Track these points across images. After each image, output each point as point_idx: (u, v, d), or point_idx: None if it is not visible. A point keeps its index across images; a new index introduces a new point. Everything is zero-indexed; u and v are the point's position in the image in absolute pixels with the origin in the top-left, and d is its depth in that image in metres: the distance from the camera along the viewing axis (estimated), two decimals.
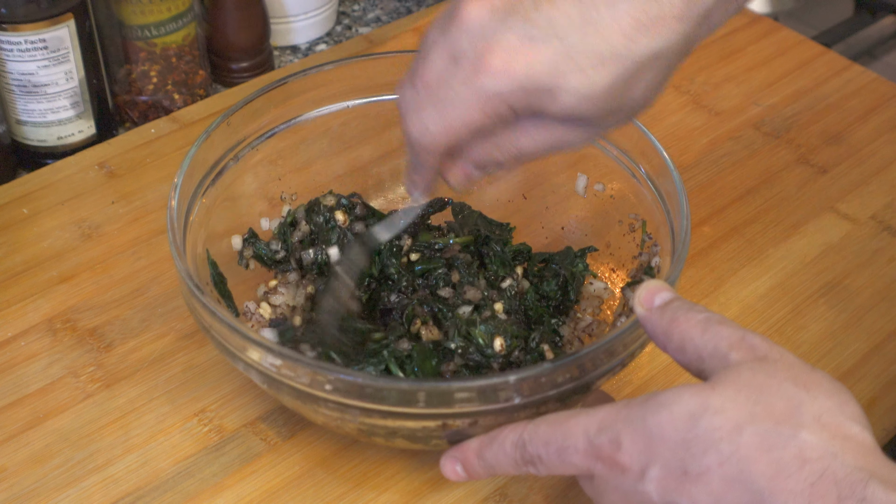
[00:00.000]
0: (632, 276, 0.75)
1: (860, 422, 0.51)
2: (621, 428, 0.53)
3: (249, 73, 1.02)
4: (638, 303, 0.58)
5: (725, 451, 0.50)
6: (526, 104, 0.55)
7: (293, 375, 0.61)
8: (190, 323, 0.78)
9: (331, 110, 0.80)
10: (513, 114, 0.56)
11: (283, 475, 0.70)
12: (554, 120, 0.57)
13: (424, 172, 0.61)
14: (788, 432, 0.50)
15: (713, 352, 0.54)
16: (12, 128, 0.92)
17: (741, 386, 0.51)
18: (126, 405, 0.73)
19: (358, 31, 1.12)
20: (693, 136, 0.97)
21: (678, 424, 0.51)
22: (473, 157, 0.60)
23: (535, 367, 0.60)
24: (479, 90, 0.54)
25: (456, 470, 0.62)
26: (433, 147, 0.58)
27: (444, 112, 0.56)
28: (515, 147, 0.58)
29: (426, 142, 0.58)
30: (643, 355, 0.74)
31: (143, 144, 0.94)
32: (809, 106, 1.00)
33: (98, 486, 0.69)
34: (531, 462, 0.58)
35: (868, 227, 0.88)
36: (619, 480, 0.54)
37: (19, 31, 0.85)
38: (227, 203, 0.76)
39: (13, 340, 0.77)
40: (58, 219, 0.87)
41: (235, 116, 0.75)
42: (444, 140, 0.57)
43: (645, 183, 0.75)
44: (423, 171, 0.61)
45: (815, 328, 0.80)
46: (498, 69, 0.54)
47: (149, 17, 0.93)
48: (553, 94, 0.54)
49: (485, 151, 0.59)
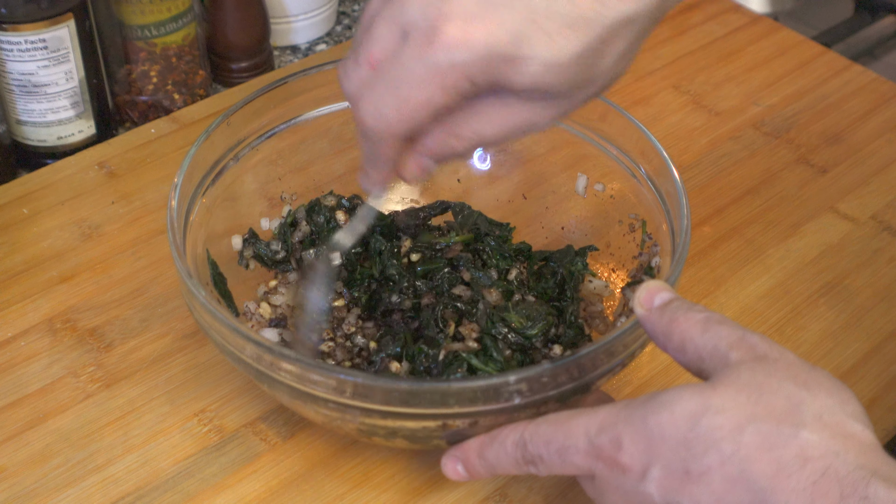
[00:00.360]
0: (632, 276, 0.75)
1: (861, 420, 0.51)
2: (622, 428, 0.53)
3: (249, 73, 1.02)
4: (638, 303, 0.58)
5: (726, 450, 0.50)
6: (487, 77, 0.50)
7: (293, 375, 0.61)
8: (190, 323, 0.78)
9: (331, 110, 0.80)
10: (474, 89, 0.50)
11: (283, 475, 0.70)
12: (517, 97, 0.52)
13: (381, 165, 0.55)
14: (789, 431, 0.50)
15: (713, 351, 0.54)
16: (12, 128, 0.92)
17: (741, 385, 0.51)
18: (126, 405, 0.73)
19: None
20: (693, 136, 0.97)
21: (679, 424, 0.51)
22: (430, 146, 0.55)
23: (535, 367, 0.60)
24: (436, 64, 0.49)
25: (457, 469, 0.62)
26: (390, 134, 0.52)
27: (399, 93, 0.50)
28: (475, 133, 0.54)
29: (381, 129, 0.52)
30: (643, 355, 0.74)
31: (143, 144, 0.94)
32: (809, 106, 1.00)
33: (98, 486, 0.69)
34: (532, 462, 0.58)
35: (868, 227, 0.88)
36: (621, 481, 0.54)
37: (19, 31, 0.85)
38: (227, 203, 0.76)
39: (13, 340, 0.77)
40: (58, 219, 0.87)
41: (235, 116, 0.75)
42: (402, 126, 0.52)
43: (645, 183, 0.75)
44: (380, 164, 0.55)
45: (815, 328, 0.80)
46: (455, 39, 0.48)
47: (149, 17, 0.93)
48: (517, 64, 0.50)
49: (442, 140, 0.54)
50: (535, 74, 0.50)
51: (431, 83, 0.50)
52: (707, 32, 1.09)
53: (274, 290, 0.76)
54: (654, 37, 0.76)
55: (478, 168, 0.84)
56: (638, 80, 1.02)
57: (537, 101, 0.52)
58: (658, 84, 1.02)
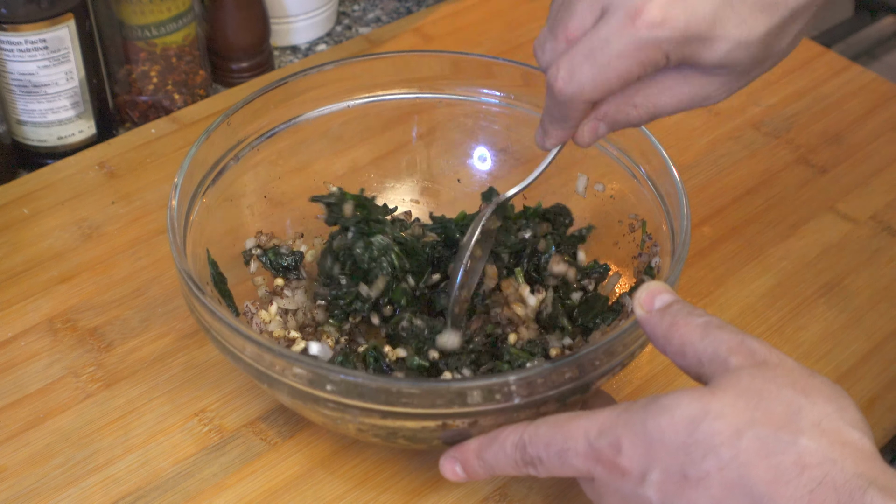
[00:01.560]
0: (636, 277, 0.75)
1: (860, 428, 0.51)
2: (622, 432, 0.53)
3: (249, 73, 1.02)
4: (638, 304, 0.58)
5: (725, 456, 0.50)
6: (681, 53, 0.55)
7: (293, 375, 0.61)
8: (190, 323, 0.78)
9: (331, 110, 0.80)
10: (666, 63, 0.55)
11: (283, 475, 0.70)
12: (699, 71, 0.56)
13: (566, 126, 0.60)
14: (788, 438, 0.50)
15: (713, 356, 0.54)
16: (12, 128, 0.92)
17: (741, 391, 0.51)
18: (126, 405, 0.73)
19: (358, 31, 1.12)
20: (693, 136, 0.97)
21: (678, 429, 0.51)
22: (608, 113, 0.59)
23: (535, 367, 0.60)
24: (638, 40, 0.54)
25: (455, 470, 0.62)
26: (584, 100, 0.57)
27: (598, 63, 0.55)
28: (653, 104, 0.58)
29: (575, 93, 0.57)
30: (643, 356, 0.74)
31: (143, 144, 0.94)
32: (809, 106, 1.00)
33: (98, 486, 0.69)
34: (531, 463, 0.58)
35: (868, 227, 0.88)
36: (620, 484, 0.54)
37: (19, 32, 0.85)
38: (227, 203, 0.76)
39: (13, 340, 0.77)
40: (58, 219, 0.87)
41: (235, 116, 0.75)
42: (596, 92, 0.56)
43: (645, 183, 0.75)
44: (565, 125, 0.60)
45: (814, 328, 0.80)
46: (657, 18, 0.53)
47: (149, 18, 0.93)
48: (711, 42, 0.54)
49: (620, 108, 0.59)
50: (725, 52, 0.55)
51: (631, 56, 0.54)
52: None
53: (279, 291, 0.76)
54: None
55: (478, 168, 0.84)
56: None
57: (717, 76, 0.57)
58: None
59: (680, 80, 0.57)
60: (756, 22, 0.54)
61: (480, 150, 0.84)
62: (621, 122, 0.60)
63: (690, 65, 0.56)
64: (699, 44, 0.54)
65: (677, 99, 0.58)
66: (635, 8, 0.53)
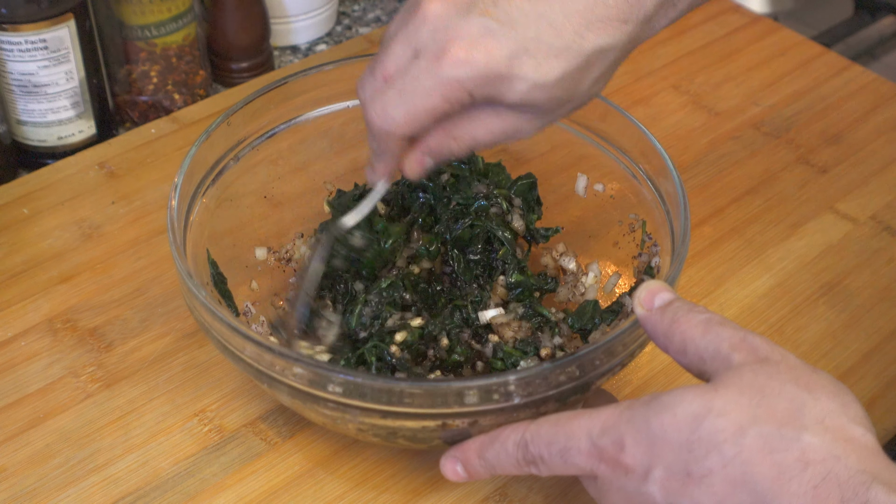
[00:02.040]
0: (636, 277, 0.75)
1: (863, 424, 0.51)
2: (624, 429, 0.54)
3: (249, 73, 1.02)
4: (638, 303, 0.59)
5: (728, 453, 0.50)
6: (484, 91, 0.58)
7: (293, 375, 0.61)
8: (190, 323, 0.78)
9: (331, 110, 0.80)
10: (471, 100, 0.58)
11: (283, 475, 0.70)
12: (508, 109, 0.60)
13: (387, 160, 0.63)
14: (791, 434, 0.50)
15: (715, 353, 0.54)
16: (13, 128, 0.92)
17: (743, 388, 0.51)
18: (126, 405, 0.73)
19: (358, 31, 1.13)
20: (693, 136, 0.97)
21: (681, 426, 0.51)
22: (430, 146, 0.62)
23: (535, 366, 0.60)
24: (442, 78, 0.57)
25: (456, 470, 0.62)
26: (396, 133, 0.60)
27: (408, 100, 0.58)
28: (470, 137, 0.61)
29: (389, 129, 0.60)
30: (643, 355, 0.74)
31: (143, 144, 0.94)
32: (809, 106, 1.00)
33: (98, 486, 0.69)
34: (533, 462, 0.58)
35: (868, 227, 0.88)
36: (623, 482, 0.54)
37: (20, 32, 0.85)
38: (228, 203, 0.76)
39: (13, 340, 0.77)
40: (58, 219, 0.87)
41: (235, 116, 0.75)
42: (407, 127, 0.60)
43: (645, 183, 0.75)
44: (386, 159, 0.63)
45: (815, 328, 0.80)
46: (460, 58, 0.57)
47: (149, 18, 0.93)
48: (510, 82, 0.58)
49: (441, 141, 0.62)
50: (525, 92, 0.58)
51: (436, 93, 0.58)
52: (707, 32, 1.09)
53: None
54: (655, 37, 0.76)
55: None
56: (638, 81, 1.02)
57: (525, 113, 0.60)
58: (658, 84, 1.02)
59: (493, 115, 0.60)
60: (550, 66, 0.57)
61: None
62: (445, 153, 0.62)
63: (497, 102, 0.59)
64: (500, 83, 0.58)
65: (491, 132, 0.61)
66: (441, 49, 0.57)
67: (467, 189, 0.77)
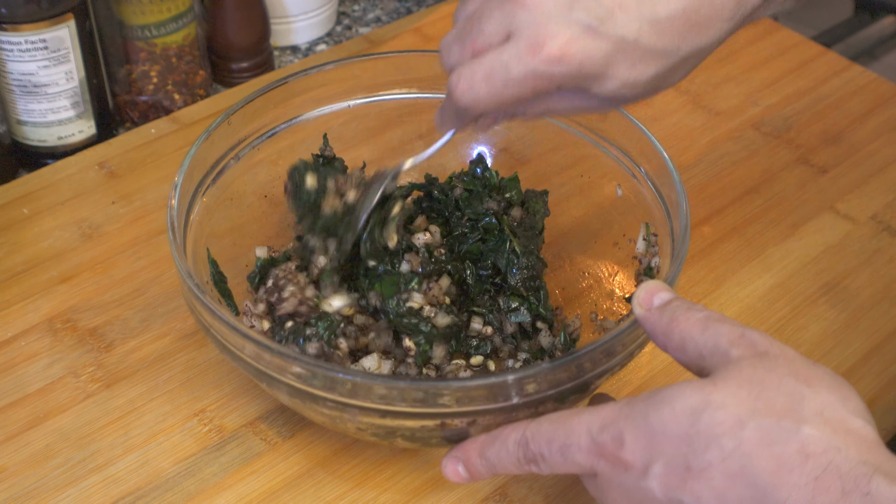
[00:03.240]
0: (636, 278, 0.75)
1: (862, 416, 0.51)
2: (624, 425, 0.54)
3: (249, 73, 1.02)
4: (637, 303, 0.59)
5: (727, 446, 0.50)
6: (573, 85, 0.58)
7: (292, 374, 0.61)
8: (190, 323, 0.78)
9: (331, 110, 0.80)
10: (557, 90, 0.58)
11: (283, 475, 0.70)
12: (591, 94, 0.59)
13: (459, 122, 0.64)
14: (791, 427, 0.50)
15: (714, 349, 0.54)
16: (13, 128, 0.92)
17: (742, 381, 0.52)
18: (126, 405, 0.73)
19: (358, 31, 1.13)
20: (693, 136, 0.97)
21: (680, 420, 0.52)
22: (505, 112, 0.62)
23: (534, 366, 0.60)
24: (534, 70, 0.56)
25: (457, 470, 0.62)
26: (477, 109, 0.60)
27: (495, 84, 0.57)
28: (546, 108, 0.61)
29: (471, 105, 0.59)
30: (643, 355, 0.74)
31: (143, 144, 0.94)
32: (809, 106, 1.00)
33: (98, 486, 0.69)
34: (534, 460, 0.58)
35: (868, 227, 0.88)
36: (623, 477, 0.54)
37: (20, 32, 0.85)
38: (228, 203, 0.76)
39: (13, 340, 0.77)
40: (58, 219, 0.87)
41: (236, 116, 0.75)
42: (490, 109, 0.60)
43: (645, 183, 0.75)
44: (459, 123, 0.64)
45: (815, 328, 0.80)
46: (556, 55, 0.56)
47: (149, 17, 0.93)
48: (601, 80, 0.57)
49: (517, 109, 0.61)
50: (614, 90, 0.58)
51: (525, 84, 0.57)
52: None
53: None
54: None
55: (479, 169, 0.84)
56: None
57: (607, 101, 0.60)
58: None
59: (573, 96, 0.60)
60: (647, 67, 0.57)
61: (480, 150, 0.84)
62: (518, 116, 0.63)
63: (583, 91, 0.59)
64: (591, 80, 0.57)
65: (569, 107, 0.61)
66: (537, 41, 0.56)
67: (478, 205, 0.77)
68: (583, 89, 0.58)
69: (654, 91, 0.60)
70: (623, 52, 0.56)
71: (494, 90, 0.58)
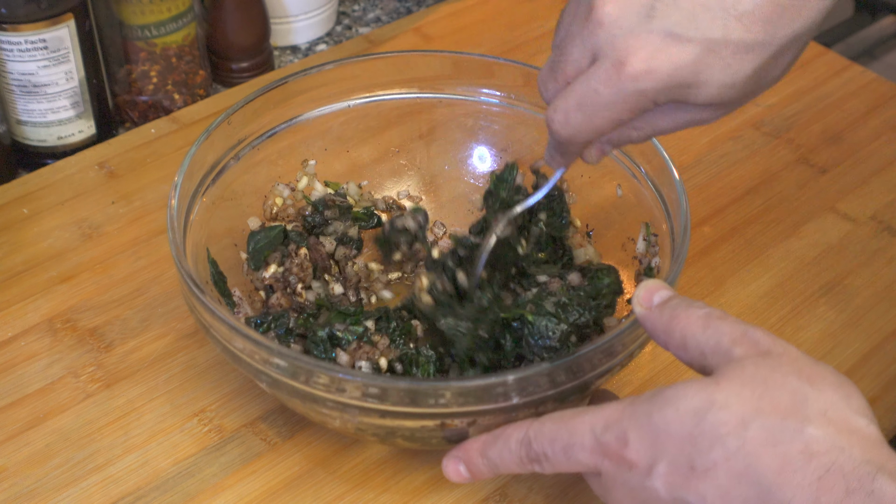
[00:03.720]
0: (636, 278, 0.75)
1: (866, 415, 0.51)
2: (628, 425, 0.54)
3: (249, 73, 1.02)
4: (637, 302, 0.59)
5: (732, 445, 0.50)
6: (668, 98, 0.56)
7: (292, 374, 0.61)
8: (190, 323, 0.78)
9: (331, 110, 0.80)
10: (654, 106, 0.56)
11: (283, 475, 0.70)
12: (694, 105, 0.57)
13: (568, 156, 0.63)
14: (794, 426, 0.50)
15: (716, 347, 0.54)
16: (12, 128, 0.92)
17: (746, 380, 0.51)
18: (126, 405, 0.73)
19: (358, 31, 1.13)
20: (693, 136, 0.97)
21: (684, 420, 0.52)
22: (612, 138, 0.61)
23: (534, 366, 0.60)
24: (623, 90, 0.55)
25: (459, 470, 0.62)
26: (578, 141, 0.59)
27: (588, 111, 0.56)
28: (652, 128, 0.59)
29: (570, 137, 0.59)
30: (644, 355, 0.74)
31: (143, 144, 0.94)
32: (809, 106, 1.00)
33: (98, 486, 0.69)
34: (536, 460, 0.58)
35: (868, 227, 0.88)
36: (627, 477, 0.54)
37: (19, 31, 0.85)
38: (228, 203, 0.76)
39: (13, 340, 0.77)
40: (58, 219, 0.87)
41: (236, 116, 0.75)
42: (590, 137, 0.59)
43: (645, 183, 0.75)
44: (567, 155, 0.62)
45: (814, 328, 0.80)
46: (641, 70, 0.54)
47: (149, 17, 0.93)
48: (697, 87, 0.55)
49: (623, 133, 0.60)
50: (713, 95, 0.55)
51: (618, 106, 0.56)
52: None
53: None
54: None
55: (478, 168, 0.84)
56: None
57: (711, 108, 0.57)
58: None
59: (677, 110, 0.58)
60: (742, 64, 0.54)
61: (480, 149, 0.84)
62: (624, 141, 0.61)
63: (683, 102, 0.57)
64: (686, 89, 0.55)
65: (675, 123, 0.59)
66: (620, 59, 0.54)
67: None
68: (680, 100, 0.56)
69: (759, 89, 0.57)
70: (713, 53, 0.53)
71: (589, 118, 0.57)
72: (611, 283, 0.71)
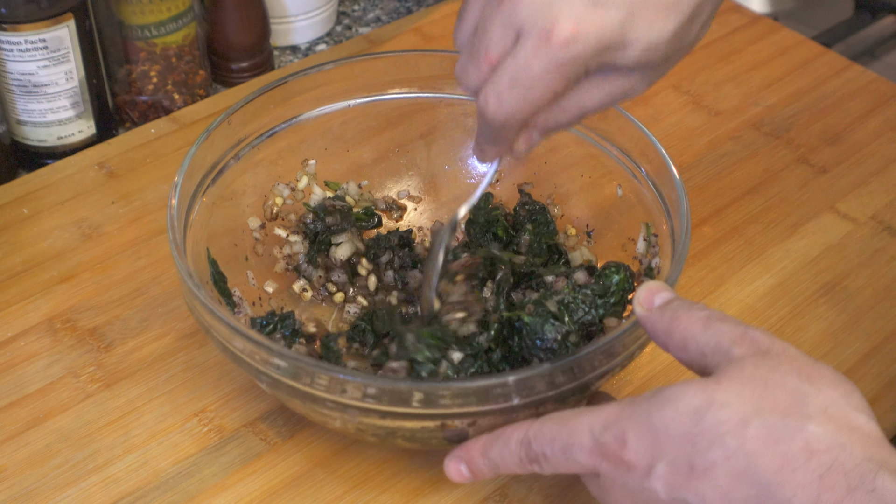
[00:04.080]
0: (636, 279, 0.75)
1: (866, 413, 0.51)
2: (626, 425, 0.54)
3: (249, 73, 1.02)
4: (637, 303, 0.59)
5: (731, 445, 0.50)
6: (599, 62, 0.56)
7: (292, 375, 0.61)
8: (190, 323, 0.78)
9: (331, 110, 0.80)
10: (586, 74, 0.57)
11: (283, 475, 0.70)
12: (618, 72, 0.58)
13: (499, 143, 0.62)
14: (795, 425, 0.50)
15: (716, 348, 0.54)
16: (12, 128, 0.92)
17: (745, 380, 0.51)
18: (126, 405, 0.73)
19: (358, 31, 1.12)
20: (693, 136, 0.97)
21: (683, 420, 0.51)
22: (539, 122, 0.60)
23: (534, 367, 0.60)
24: (555, 59, 0.55)
25: (460, 470, 0.62)
26: (513, 123, 0.59)
27: (522, 87, 0.56)
28: (580, 107, 0.59)
29: (505, 119, 0.58)
30: (643, 356, 0.74)
31: (143, 144, 0.94)
32: (809, 106, 1.00)
33: (98, 486, 0.69)
34: (536, 460, 0.58)
35: (868, 227, 0.88)
36: (626, 478, 0.54)
37: (19, 31, 0.85)
38: (228, 202, 0.76)
39: (13, 340, 0.77)
40: (58, 219, 0.87)
41: (236, 116, 0.75)
42: (525, 113, 0.58)
43: (645, 183, 0.75)
44: (500, 143, 0.62)
45: (815, 328, 0.80)
46: (569, 36, 0.54)
47: (149, 17, 0.93)
48: (624, 49, 0.56)
49: (551, 117, 0.60)
50: (639, 54, 0.56)
51: (552, 75, 0.56)
52: (707, 32, 1.08)
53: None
54: None
55: (478, 168, 0.84)
56: None
57: (636, 73, 0.58)
58: (658, 84, 1.02)
59: (601, 80, 0.58)
60: (663, 23, 0.56)
61: None
62: (552, 127, 0.61)
63: (610, 69, 0.57)
64: (614, 51, 0.56)
65: (601, 99, 0.59)
66: (546, 28, 0.54)
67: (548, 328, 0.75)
68: (609, 66, 0.57)
69: (681, 51, 0.59)
70: (636, 13, 0.55)
71: (525, 95, 0.57)
72: (620, 281, 0.71)
